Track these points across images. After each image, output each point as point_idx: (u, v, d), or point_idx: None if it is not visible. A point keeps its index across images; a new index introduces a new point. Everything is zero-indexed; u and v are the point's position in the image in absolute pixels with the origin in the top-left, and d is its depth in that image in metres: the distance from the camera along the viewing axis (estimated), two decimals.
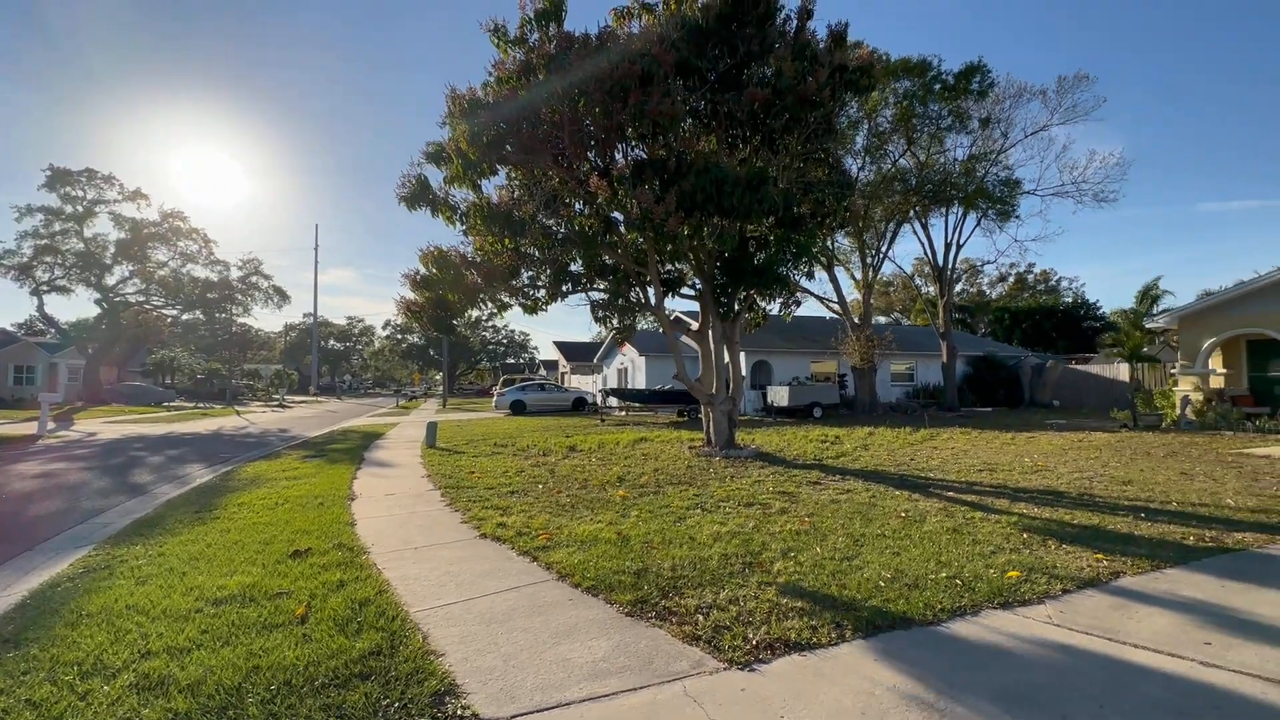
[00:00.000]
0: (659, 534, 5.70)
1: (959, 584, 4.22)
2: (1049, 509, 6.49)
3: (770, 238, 10.46)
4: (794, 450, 11.94)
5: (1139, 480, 8.00)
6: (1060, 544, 5.15)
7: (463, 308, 10.98)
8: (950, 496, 7.28)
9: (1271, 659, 3.12)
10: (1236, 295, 14.79)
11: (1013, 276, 56.55)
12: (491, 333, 74.95)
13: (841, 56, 9.54)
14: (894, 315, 53.25)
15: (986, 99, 19.69)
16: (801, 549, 5.17)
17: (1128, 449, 11.21)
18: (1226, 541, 5.17)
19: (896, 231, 23.11)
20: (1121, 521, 5.89)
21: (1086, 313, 48.93)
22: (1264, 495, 6.91)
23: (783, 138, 9.28)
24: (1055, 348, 42.05)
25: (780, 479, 8.65)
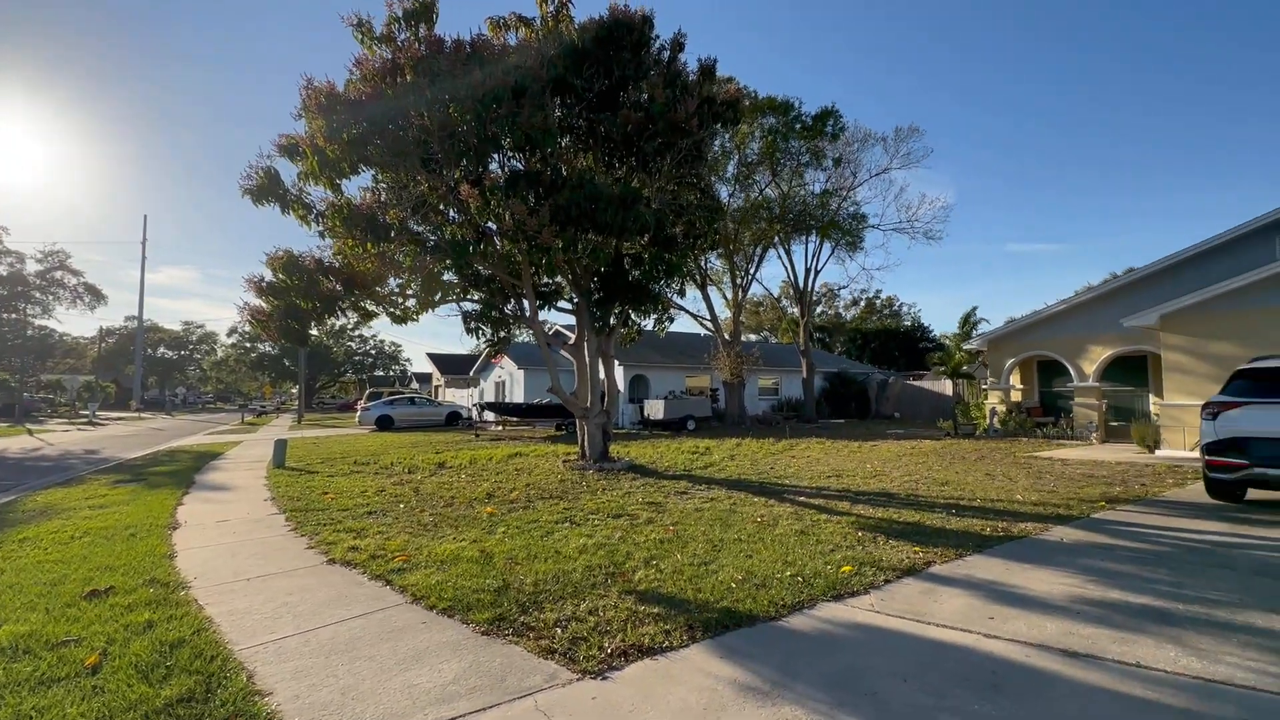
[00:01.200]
0: (524, 550, 5.62)
1: (801, 581, 4.60)
2: (882, 509, 7.26)
3: (645, 255, 10.81)
4: (666, 462, 12.32)
5: (954, 481, 9.19)
6: (888, 540, 5.78)
7: (319, 316, 10.15)
8: (801, 501, 7.89)
9: (1035, 626, 3.73)
10: (1030, 323, 17.58)
11: (863, 301, 62.77)
12: (358, 343, 69.80)
13: (710, 89, 10.16)
14: (763, 334, 56.96)
15: (839, 141, 21.98)
16: (664, 557, 5.35)
17: (949, 454, 12.84)
18: (1014, 530, 6.10)
19: (763, 255, 24.88)
20: (937, 517, 6.73)
21: (922, 335, 55.53)
22: (1045, 491, 8.24)
23: (656, 160, 9.66)
24: (898, 366, 47.20)
25: (650, 490, 8.88)
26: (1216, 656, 3.28)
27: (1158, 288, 14.39)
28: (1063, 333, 16.57)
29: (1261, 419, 6.48)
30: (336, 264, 9.94)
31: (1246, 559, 5.05)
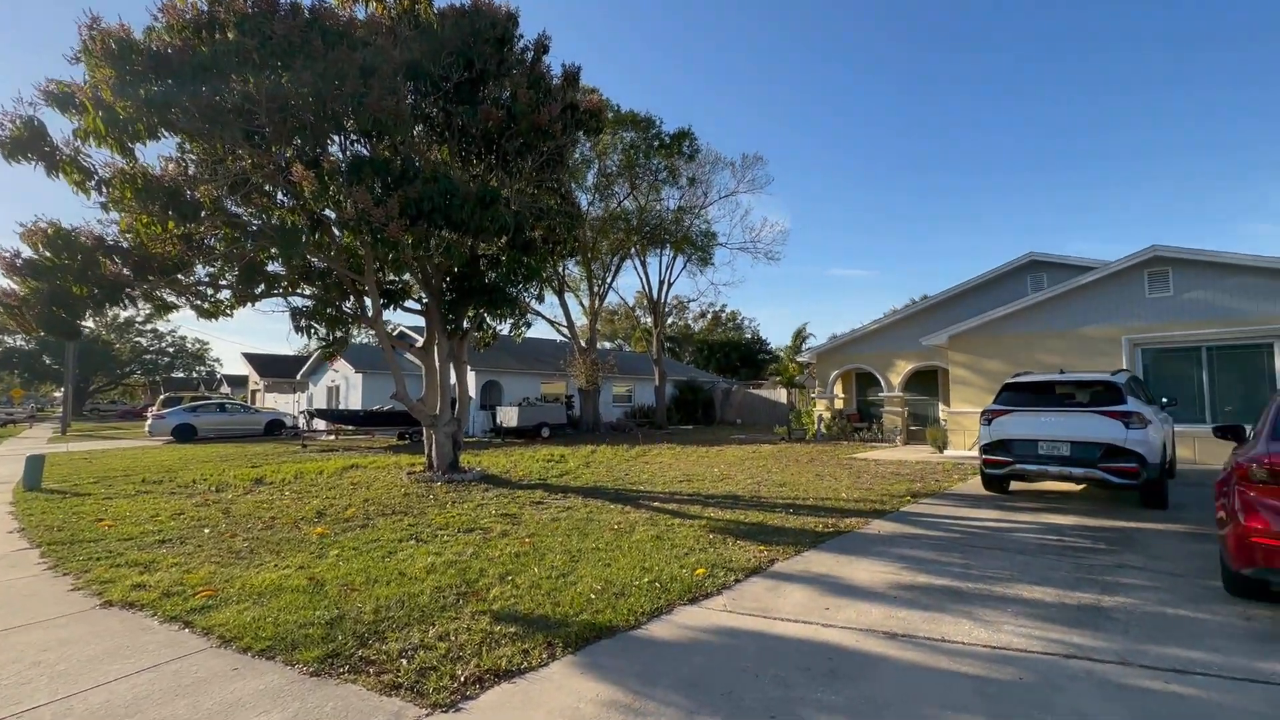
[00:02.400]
0: (363, 573, 5.08)
1: (658, 587, 4.67)
2: (730, 511, 7.67)
3: (502, 258, 10.45)
4: (520, 471, 11.97)
5: (790, 482, 10.02)
6: (736, 540, 6.11)
7: (98, 305, 8.39)
8: (656, 506, 8.09)
9: (862, 613, 4.14)
10: (850, 340, 19.86)
11: (710, 314, 66.79)
12: (150, 338, 59.36)
13: (573, 96, 10.14)
14: (617, 341, 58.26)
15: (695, 161, 23.24)
16: (520, 571, 5.15)
17: (784, 457, 14.01)
18: (841, 526, 6.78)
19: (620, 265, 25.40)
20: (778, 517, 7.27)
21: (760, 347, 60.45)
22: (863, 488, 9.29)
23: (516, 161, 9.40)
24: (739, 375, 50.85)
25: (504, 501, 8.55)
26: (998, 626, 3.88)
27: (947, 313, 17.04)
28: (875, 349, 18.95)
29: (1020, 424, 7.92)
30: (125, 243, 8.30)
31: (1013, 541, 6.09)
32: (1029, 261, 16.10)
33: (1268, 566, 3.79)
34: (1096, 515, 7.19)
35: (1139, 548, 5.74)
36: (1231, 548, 4.01)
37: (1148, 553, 5.56)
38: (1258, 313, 10.88)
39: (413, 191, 7.26)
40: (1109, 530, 6.45)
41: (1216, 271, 11.37)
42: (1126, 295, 12.32)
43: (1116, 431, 7.16)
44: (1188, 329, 11.54)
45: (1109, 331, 12.40)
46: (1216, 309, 11.29)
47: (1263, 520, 3.81)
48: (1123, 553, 5.57)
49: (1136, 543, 5.92)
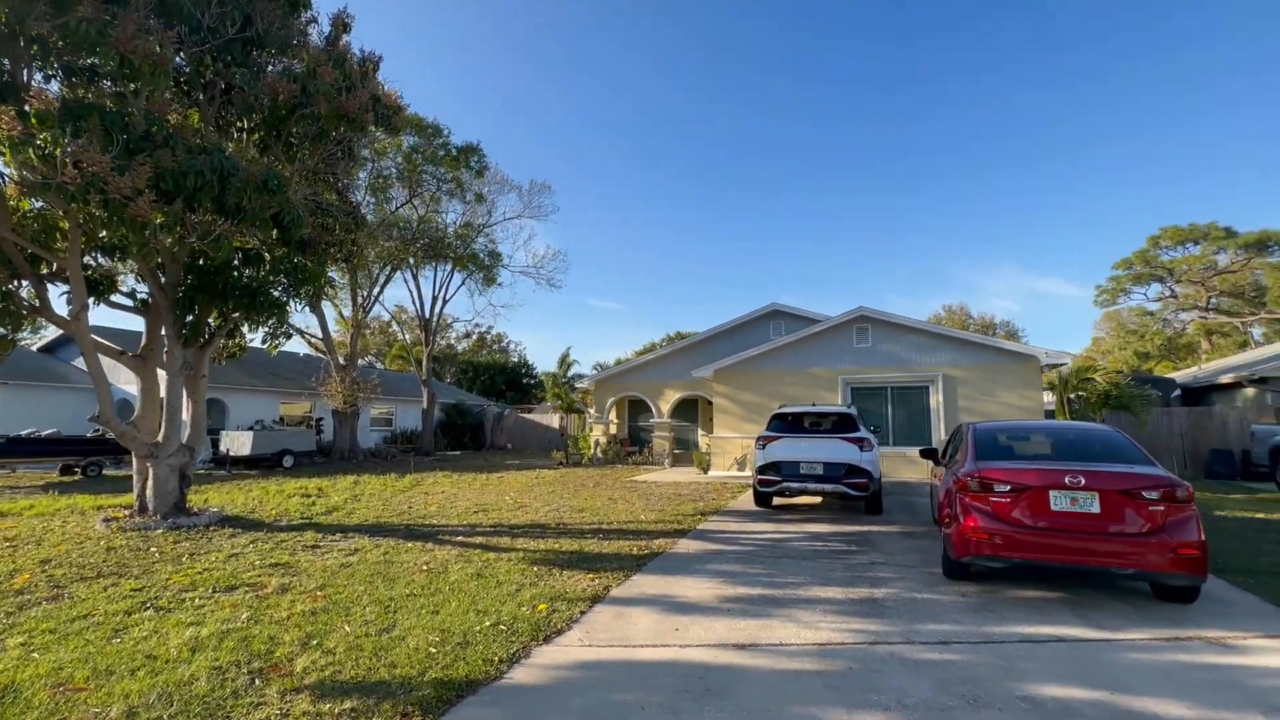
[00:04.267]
0: (84, 664, 3.72)
1: (504, 630, 4.34)
2: (542, 541, 7.49)
3: (265, 254, 8.79)
4: (272, 509, 10.01)
5: (588, 508, 10.20)
6: (563, 571, 5.99)
7: None
8: (460, 541, 7.50)
9: (708, 629, 4.42)
10: (627, 369, 21.18)
11: (476, 335, 64.84)
12: None
13: (375, 87, 9.15)
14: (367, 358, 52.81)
15: (483, 178, 22.60)
16: (326, 632, 4.31)
17: (570, 482, 14.19)
18: (653, 547, 7.13)
19: (391, 275, 23.22)
20: (593, 543, 7.34)
21: (526, 371, 60.60)
22: (657, 510, 9.91)
23: (300, 147, 8.07)
24: (505, 398, 50.14)
25: (265, 548, 7.06)
26: (816, 626, 4.50)
27: (709, 350, 19.34)
28: (648, 379, 20.52)
29: (787, 448, 9.37)
30: None
31: (794, 549, 7.12)
32: (772, 310, 19.26)
33: (978, 554, 5.11)
34: (839, 522, 8.81)
35: (878, 547, 7.19)
36: (955, 541, 5.31)
37: (885, 550, 7.00)
38: (922, 363, 14.69)
39: (168, 160, 5.69)
40: (853, 534, 7.95)
41: (899, 330, 15.07)
42: (841, 344, 15.53)
43: (854, 453, 8.94)
44: (881, 372, 15.00)
45: (830, 372, 15.44)
46: (899, 358, 14.93)
47: (975, 519, 5.14)
48: (870, 552, 6.92)
49: (875, 543, 7.42)
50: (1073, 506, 4.81)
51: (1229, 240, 41.81)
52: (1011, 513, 5.01)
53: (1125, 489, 4.72)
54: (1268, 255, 40.67)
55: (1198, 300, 43.30)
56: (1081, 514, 4.79)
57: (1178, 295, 44.73)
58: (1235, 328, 40.75)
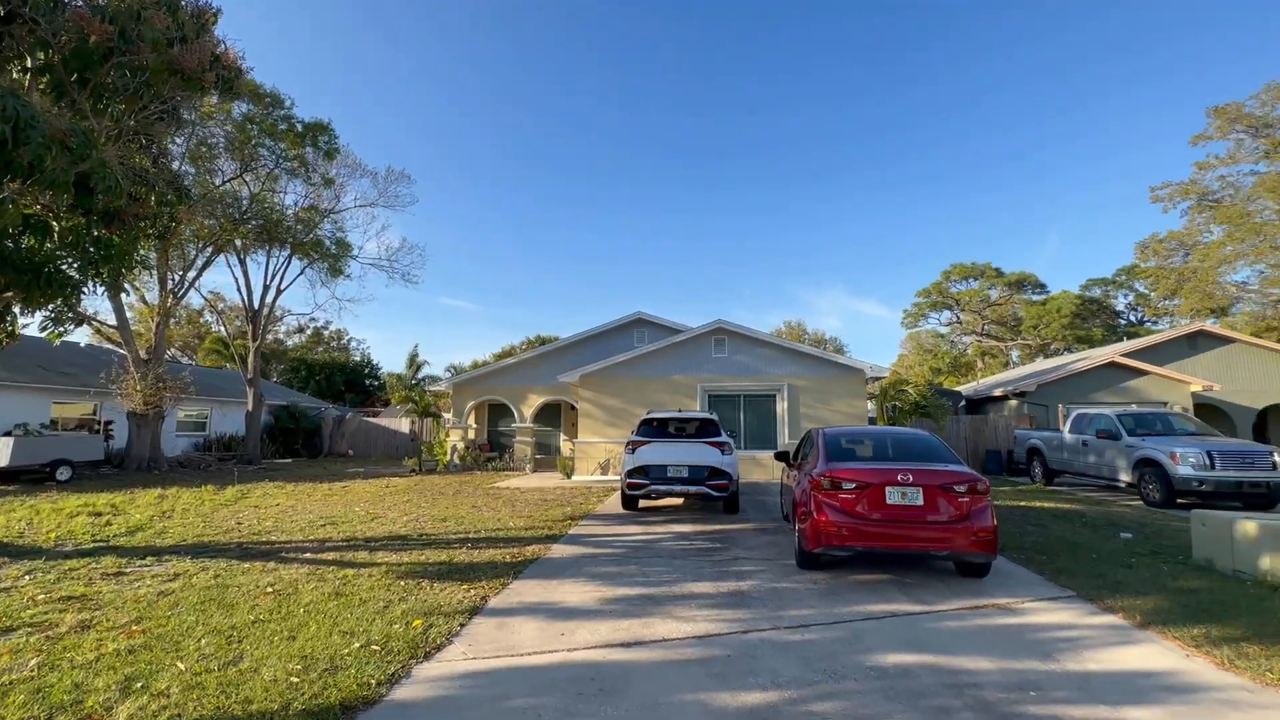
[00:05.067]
0: None
1: (379, 650, 4.05)
2: (405, 553, 7.04)
3: (53, 222, 7.29)
4: (48, 532, 8.27)
5: (452, 516, 9.74)
6: (434, 583, 5.70)
7: None
8: (310, 559, 6.80)
9: (593, 631, 4.49)
10: (483, 373, 20.51)
11: (311, 329, 58.61)
12: None
13: (212, 43, 8.02)
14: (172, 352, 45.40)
15: (333, 161, 20.52)
16: (153, 672, 3.71)
17: (427, 490, 13.42)
18: (527, 554, 7.03)
19: (212, 259, 20.22)
20: (462, 553, 7.05)
21: (370, 371, 56.00)
22: (525, 516, 9.75)
23: (114, 101, 6.82)
24: (345, 400, 45.93)
25: (48, 579, 5.85)
26: (693, 620, 4.77)
27: (575, 355, 19.42)
28: (511, 382, 20.06)
29: (656, 452, 9.74)
30: None
31: (664, 549, 7.43)
32: (637, 319, 19.85)
33: (828, 545, 5.75)
34: (701, 522, 9.34)
35: (739, 543, 7.75)
36: (808, 534, 5.92)
37: (745, 546, 7.57)
38: (771, 373, 16.07)
39: None
40: (715, 533, 8.49)
41: (753, 343, 16.35)
42: (701, 354, 16.47)
43: (716, 456, 9.55)
44: (735, 381, 16.15)
45: (690, 380, 16.29)
46: (751, 369, 16.18)
47: (827, 514, 5.78)
48: (732, 548, 7.44)
49: (735, 540, 7.99)
50: (903, 500, 5.62)
51: (998, 279, 50.96)
52: (856, 507, 5.72)
53: (941, 484, 5.61)
54: (1024, 293, 50.23)
55: (975, 327, 52.13)
56: (909, 506, 5.61)
57: (962, 321, 53.49)
58: (1001, 350, 49.65)
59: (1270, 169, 25.05)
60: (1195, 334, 20.90)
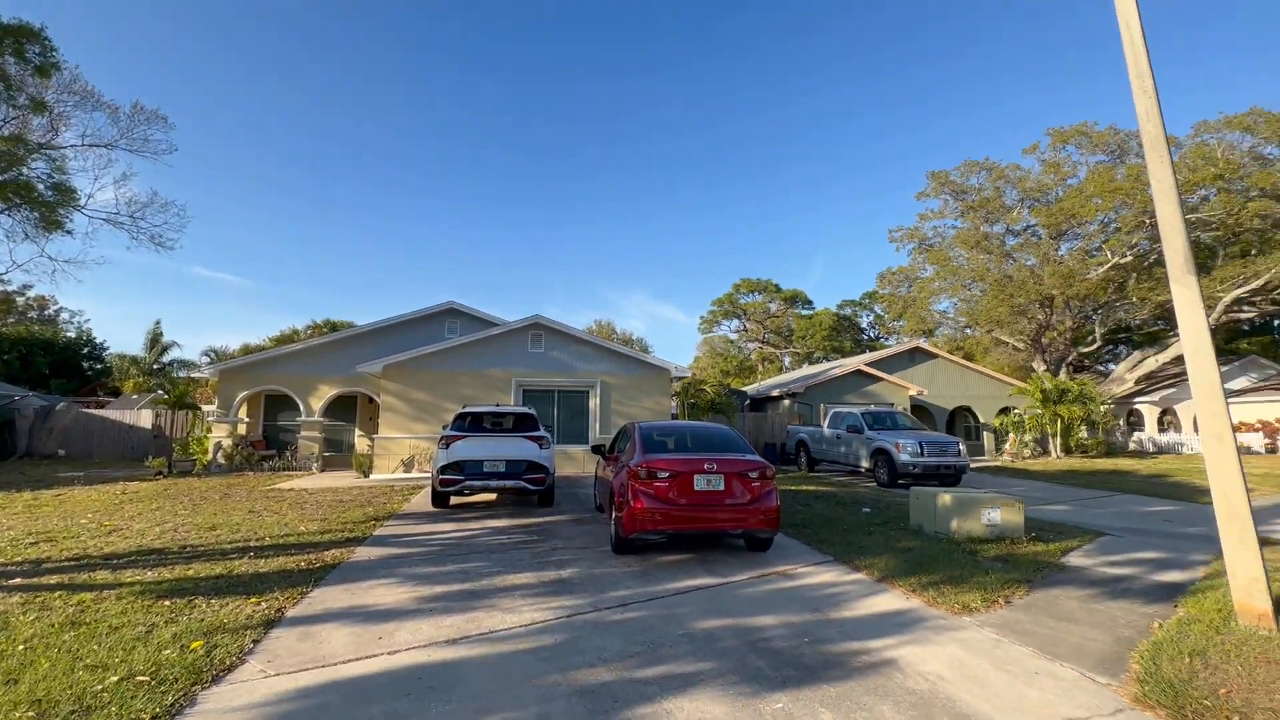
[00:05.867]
0: None
1: (147, 681, 3.44)
2: (165, 569, 5.95)
3: None
4: None
5: (223, 524, 8.40)
6: (210, 600, 4.93)
7: None
8: (22, 585, 5.39)
9: (415, 631, 4.32)
10: (260, 360, 17.87)
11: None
12: None
13: None
14: None
15: (49, 79, 15.95)
16: None
17: (185, 495, 11.34)
18: (327, 559, 6.40)
19: None
20: (244, 564, 6.16)
21: (92, 352, 44.92)
22: (319, 519, 8.79)
23: None
24: (51, 387, 36.24)
25: None
26: (518, 610, 4.84)
27: (377, 343, 17.86)
28: (297, 371, 17.75)
29: (469, 448, 9.47)
30: None
31: (482, 544, 7.30)
32: (449, 309, 18.92)
33: (643, 530, 6.23)
34: (517, 516, 9.34)
35: (556, 535, 7.94)
36: (625, 521, 6.34)
37: (562, 537, 7.78)
38: (585, 370, 16.54)
39: None
40: (532, 525, 8.57)
41: (568, 340, 16.65)
42: (517, 349, 16.32)
43: (534, 451, 9.62)
44: (550, 377, 16.31)
45: (505, 374, 16.05)
46: (566, 365, 16.47)
47: (643, 501, 6.25)
48: (550, 539, 7.61)
49: (553, 531, 8.16)
50: (708, 486, 6.32)
51: (778, 294, 58.42)
52: (669, 493, 6.27)
53: (739, 471, 6.42)
54: (796, 308, 58.32)
55: (758, 335, 59.14)
56: (713, 491, 6.32)
57: (748, 329, 60.29)
58: (777, 355, 57.03)
59: (963, 225, 32.64)
60: (914, 350, 26.35)
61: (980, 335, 34.41)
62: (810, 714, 3.20)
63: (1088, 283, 26.77)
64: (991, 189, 30.72)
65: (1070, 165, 28.89)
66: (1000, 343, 33.30)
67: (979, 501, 7.62)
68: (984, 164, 30.90)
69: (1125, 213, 25.64)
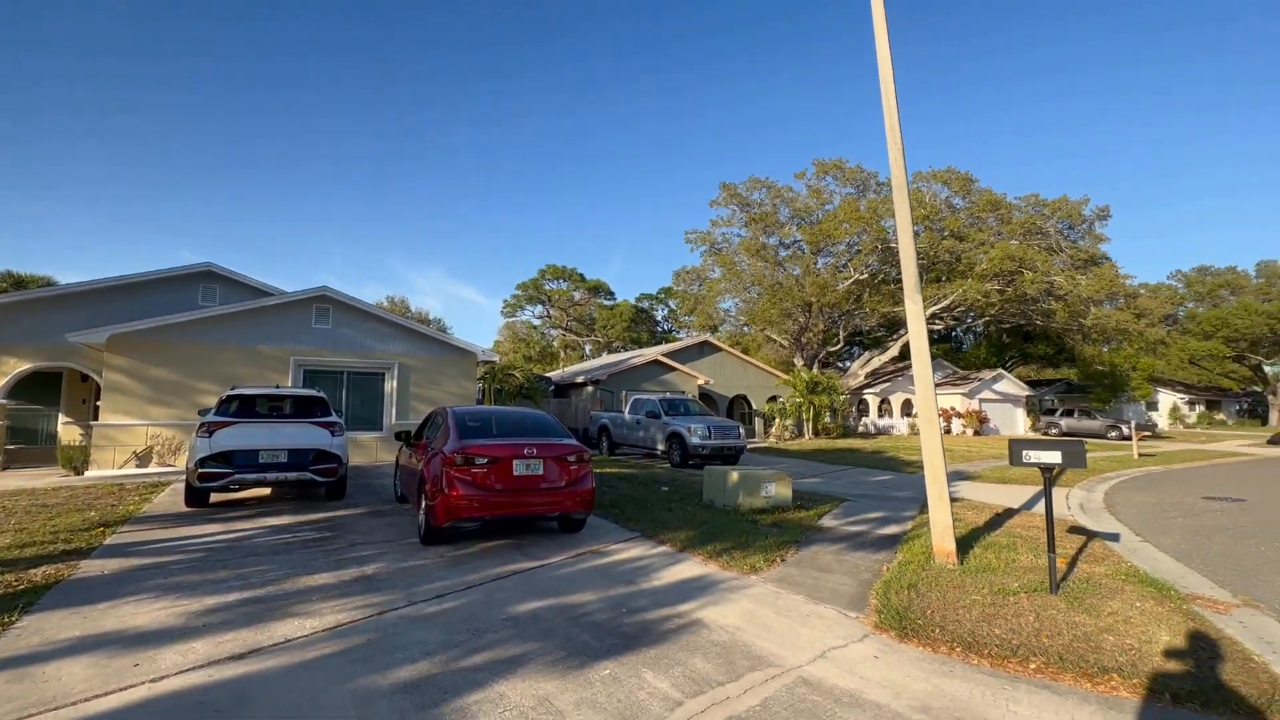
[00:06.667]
0: None
1: None
2: None
3: None
4: None
5: None
6: None
7: None
8: None
9: (186, 652, 3.68)
10: None
11: None
12: None
13: None
14: None
15: None
16: None
17: None
18: (37, 578, 5.03)
19: None
20: None
21: None
22: (11, 529, 6.82)
23: None
24: None
25: None
26: (319, 614, 4.39)
27: (97, 306, 14.24)
28: None
29: (241, 435, 8.11)
30: None
31: (260, 546, 6.36)
32: (206, 271, 15.79)
33: (459, 518, 6.04)
34: (302, 511, 8.30)
35: (352, 529, 7.26)
36: (439, 510, 6.07)
37: (360, 531, 7.15)
38: (381, 350, 15.16)
39: None
40: (321, 521, 7.70)
41: (362, 316, 15.07)
42: (298, 323, 14.33)
43: (325, 438, 8.61)
44: (338, 356, 14.63)
45: (281, 351, 14.00)
46: (358, 344, 14.91)
47: (459, 489, 6.05)
48: (346, 535, 6.94)
49: (348, 526, 7.44)
50: (527, 471, 6.34)
51: (582, 283, 59.63)
52: (487, 480, 6.16)
53: (558, 455, 6.56)
54: (599, 298, 60.15)
55: (562, 322, 59.84)
56: (533, 475, 6.36)
57: (551, 316, 60.63)
58: (579, 343, 58.32)
59: (747, 234, 36.86)
60: (703, 344, 29.06)
61: (755, 333, 39.21)
62: (634, 675, 3.48)
63: (836, 293, 32.12)
64: (770, 205, 35.08)
65: (828, 193, 34.30)
66: (770, 340, 38.34)
67: (760, 478, 8.80)
68: (765, 182, 35.14)
69: (865, 238, 31.28)
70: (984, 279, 30.16)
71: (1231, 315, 44.15)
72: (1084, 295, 30.53)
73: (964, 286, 30.10)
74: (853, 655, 3.82)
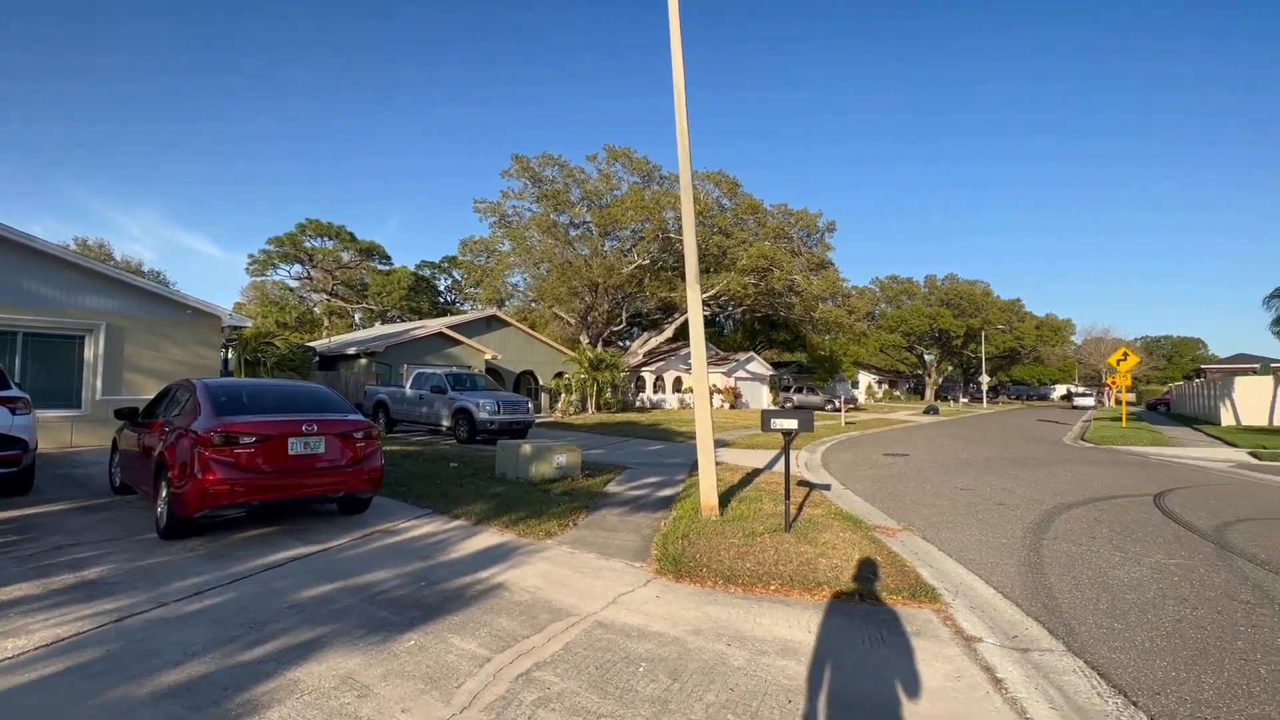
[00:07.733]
0: None
1: None
2: None
3: None
4: None
5: None
6: None
7: None
8: None
9: None
10: None
11: None
12: None
13: None
14: None
15: None
16: None
17: None
18: None
19: None
20: None
21: None
22: None
23: None
24: None
25: None
26: (29, 631, 3.59)
27: None
28: None
29: None
30: None
31: None
32: None
33: (217, 505, 5.29)
34: None
35: (53, 530, 5.84)
36: (190, 498, 5.24)
37: (65, 532, 5.79)
38: (78, 306, 11.95)
39: None
40: (3, 523, 6.03)
41: (46, 261, 11.62)
42: None
43: (4, 419, 6.67)
44: (9, 313, 11.18)
45: None
46: (41, 298, 11.54)
47: (216, 472, 5.29)
48: (46, 537, 5.57)
49: (45, 527, 5.95)
50: (305, 450, 5.79)
51: (352, 243, 53.58)
52: (255, 461, 5.48)
53: (342, 432, 6.09)
54: (373, 261, 54.71)
55: (326, 286, 53.12)
56: (311, 455, 5.83)
57: (313, 278, 53.41)
58: (347, 310, 52.49)
59: (538, 210, 36.80)
60: (490, 318, 28.50)
61: (543, 309, 39.57)
62: (441, 641, 3.57)
63: (621, 276, 33.99)
64: (562, 183, 35.49)
65: (617, 179, 35.90)
66: (558, 317, 39.06)
67: (551, 449, 9.19)
68: (558, 159, 35.40)
69: (649, 226, 33.55)
70: (744, 273, 34.60)
71: (908, 315, 57.63)
72: (815, 293, 36.99)
73: (729, 278, 34.18)
74: (639, 598, 4.40)
